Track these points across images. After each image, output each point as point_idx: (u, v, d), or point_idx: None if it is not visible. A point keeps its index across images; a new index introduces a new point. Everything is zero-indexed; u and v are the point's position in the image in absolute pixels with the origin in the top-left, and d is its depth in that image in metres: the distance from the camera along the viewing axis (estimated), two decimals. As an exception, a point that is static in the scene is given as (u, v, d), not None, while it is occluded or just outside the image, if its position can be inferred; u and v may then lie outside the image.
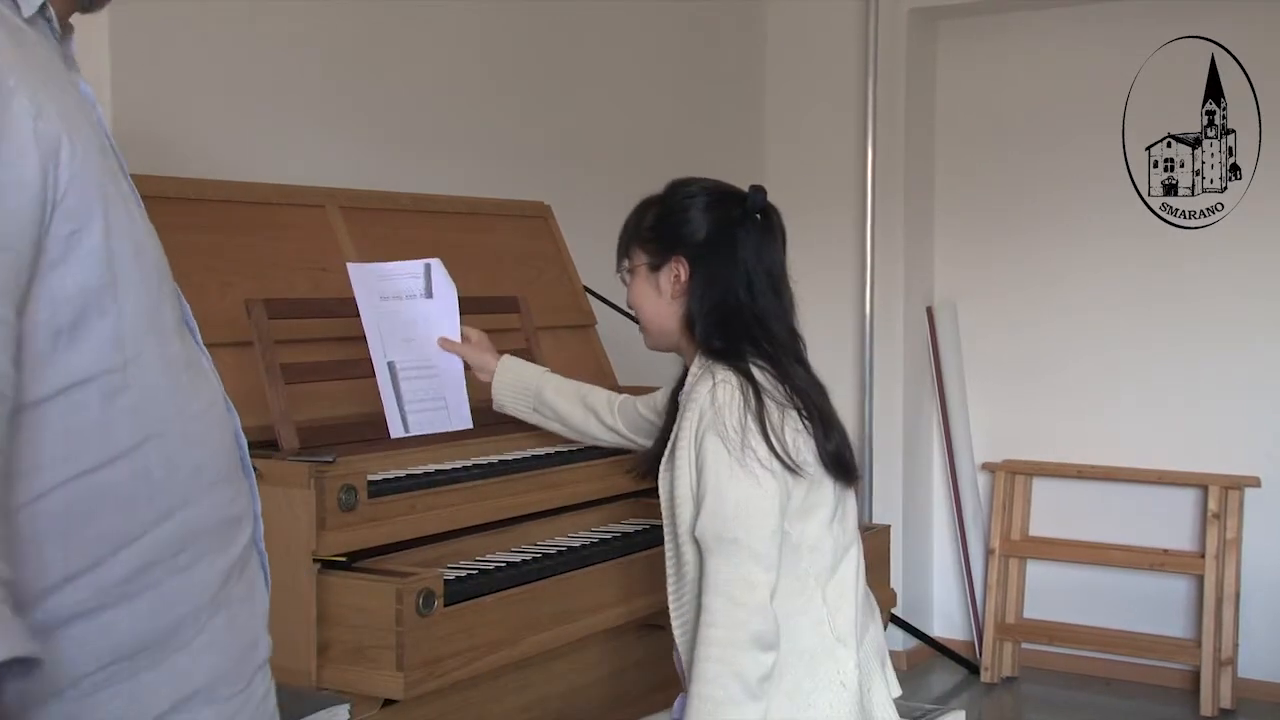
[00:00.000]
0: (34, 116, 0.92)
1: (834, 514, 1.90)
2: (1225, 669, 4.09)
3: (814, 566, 1.87)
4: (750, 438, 1.81)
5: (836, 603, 1.88)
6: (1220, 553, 4.13)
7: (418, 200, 2.75)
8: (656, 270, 1.98)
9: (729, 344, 1.89)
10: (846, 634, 1.87)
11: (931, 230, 4.68)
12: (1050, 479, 4.49)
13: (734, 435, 1.80)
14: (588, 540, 2.27)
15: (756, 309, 1.92)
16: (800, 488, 1.85)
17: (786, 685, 1.83)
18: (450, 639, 1.87)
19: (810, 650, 1.85)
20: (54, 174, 0.93)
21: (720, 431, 1.81)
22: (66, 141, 0.94)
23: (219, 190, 2.33)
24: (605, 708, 2.32)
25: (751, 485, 1.80)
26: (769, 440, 1.81)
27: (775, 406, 1.84)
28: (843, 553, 1.92)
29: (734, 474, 1.79)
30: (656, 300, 1.98)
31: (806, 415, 1.87)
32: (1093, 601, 4.40)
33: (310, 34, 2.89)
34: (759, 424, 1.81)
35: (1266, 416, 4.18)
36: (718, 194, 2.01)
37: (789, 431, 1.84)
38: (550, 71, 3.60)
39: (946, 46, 4.65)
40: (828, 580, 1.88)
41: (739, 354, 1.88)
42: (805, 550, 1.86)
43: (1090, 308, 4.44)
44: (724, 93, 4.42)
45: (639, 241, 2.02)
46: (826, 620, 1.87)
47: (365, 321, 2.17)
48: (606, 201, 3.84)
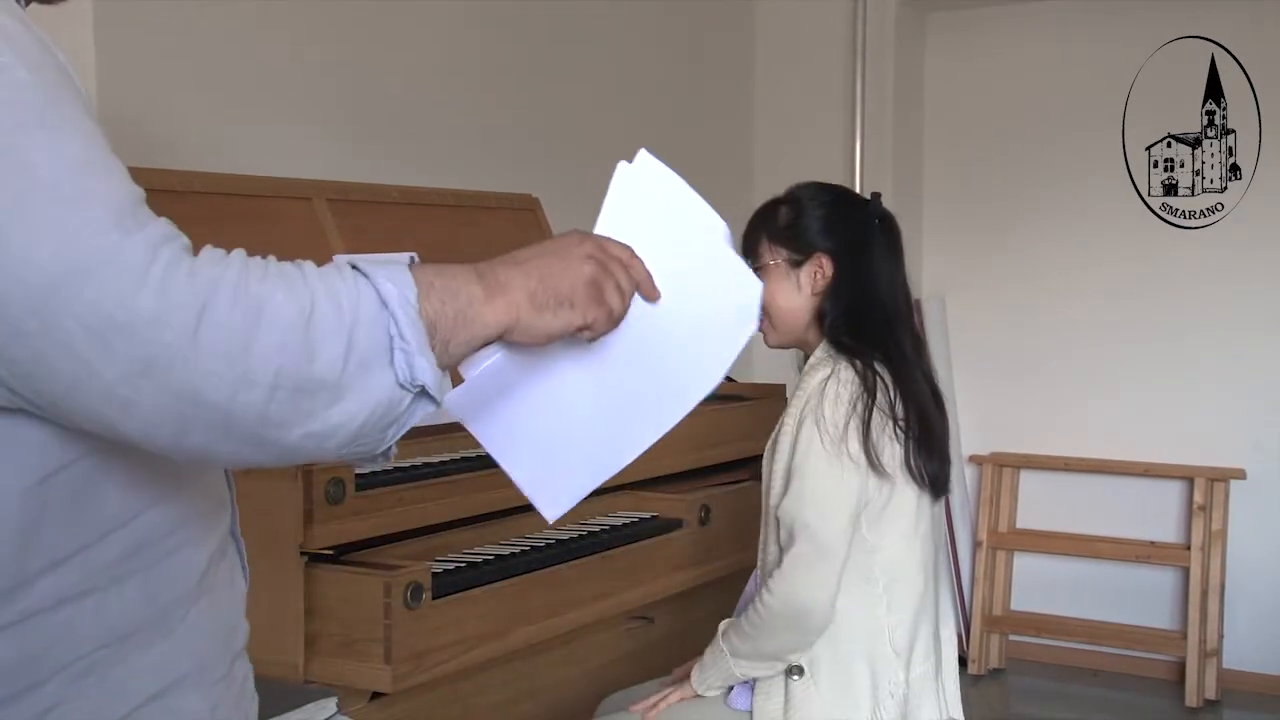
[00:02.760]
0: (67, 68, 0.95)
1: (914, 527, 1.93)
2: (1210, 660, 4.11)
3: (884, 574, 1.91)
4: (849, 433, 1.86)
5: (900, 614, 1.91)
6: (1206, 545, 4.15)
7: (405, 193, 2.74)
8: (798, 267, 2.01)
9: (859, 342, 1.94)
10: (903, 646, 1.91)
11: (920, 223, 4.68)
12: (1037, 471, 4.50)
13: (832, 428, 1.86)
14: (576, 533, 2.27)
15: (887, 312, 1.99)
16: (882, 493, 1.89)
17: (837, 682, 1.88)
18: (438, 632, 1.87)
19: (866, 655, 1.89)
20: None
21: (819, 420, 1.87)
22: None
23: (205, 182, 2.32)
24: (594, 700, 2.33)
25: (835, 478, 1.86)
26: (865, 438, 1.86)
27: (879, 409, 1.89)
28: (917, 568, 1.95)
29: (821, 463, 1.86)
30: (794, 296, 2.01)
31: (909, 423, 1.91)
32: (1079, 594, 4.42)
33: (298, 25, 2.88)
34: (861, 421, 1.87)
35: (1252, 408, 4.20)
36: (846, 198, 2.10)
37: (885, 436, 1.89)
38: (538, 63, 3.59)
39: (935, 39, 4.66)
40: (895, 590, 1.92)
41: (864, 353, 1.93)
42: (878, 556, 1.91)
43: (1079, 302, 4.45)
44: (713, 84, 4.42)
45: (776, 239, 2.03)
46: (886, 630, 1.90)
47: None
48: (595, 194, 3.83)
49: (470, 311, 0.99)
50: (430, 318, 0.96)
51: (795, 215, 2.03)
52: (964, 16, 4.58)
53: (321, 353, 0.90)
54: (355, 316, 0.92)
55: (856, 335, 1.96)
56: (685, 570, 2.38)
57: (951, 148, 4.64)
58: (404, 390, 0.94)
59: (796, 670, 1.89)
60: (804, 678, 1.89)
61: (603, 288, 1.07)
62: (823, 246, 1.99)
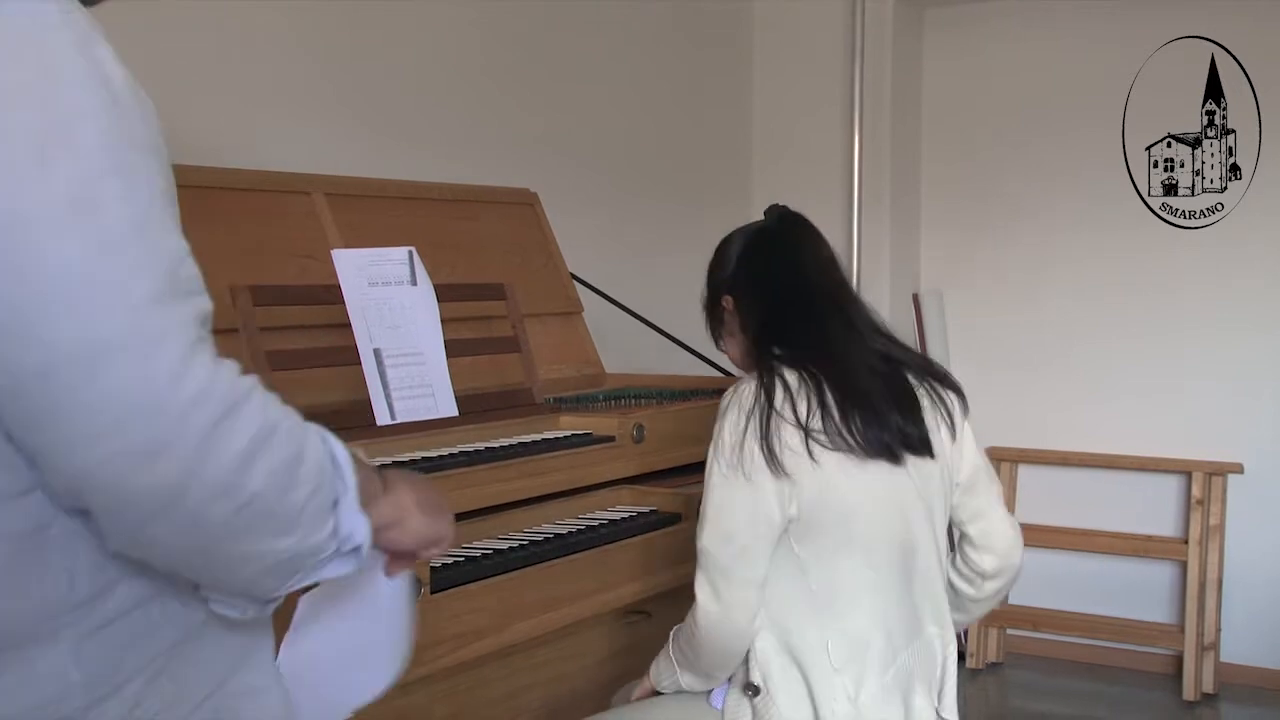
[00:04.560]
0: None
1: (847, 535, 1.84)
2: (1208, 654, 4.12)
3: (821, 589, 1.85)
4: (746, 448, 1.82)
5: (837, 627, 1.84)
6: (1203, 539, 4.16)
7: (404, 187, 2.74)
8: (719, 319, 2.08)
9: (760, 356, 1.95)
10: (843, 660, 1.83)
11: (918, 218, 4.69)
12: (1035, 466, 4.51)
13: (728, 448, 1.84)
14: (574, 527, 2.27)
15: (792, 308, 1.97)
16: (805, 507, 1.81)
17: (792, 695, 1.84)
18: (436, 626, 1.87)
19: (808, 668, 1.84)
20: None
21: (716, 444, 1.87)
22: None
23: (204, 177, 2.32)
24: (592, 695, 2.33)
25: (728, 499, 1.83)
26: (768, 450, 1.80)
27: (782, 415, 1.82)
28: (863, 578, 1.85)
29: (716, 486, 1.85)
30: (734, 339, 2.08)
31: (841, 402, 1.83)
32: (1077, 588, 4.43)
33: (297, 20, 2.88)
34: (760, 433, 1.81)
35: (1250, 403, 4.20)
36: (745, 230, 2.11)
37: (792, 439, 1.81)
38: (537, 59, 3.59)
39: (933, 36, 4.65)
40: (836, 605, 1.84)
41: (767, 355, 1.93)
42: (812, 570, 1.85)
43: (1078, 298, 4.45)
44: (711, 82, 4.41)
45: (708, 318, 2.12)
46: (825, 645, 1.84)
47: (351, 308, 2.16)
48: (593, 189, 3.85)
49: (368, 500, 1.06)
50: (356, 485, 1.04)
51: (707, 270, 2.11)
52: (962, 13, 4.58)
53: (298, 489, 0.95)
54: (322, 466, 0.99)
55: (773, 335, 1.96)
56: (683, 565, 2.38)
57: (949, 144, 4.64)
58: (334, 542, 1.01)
59: (752, 689, 1.86)
60: (763, 694, 1.85)
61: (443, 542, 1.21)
62: (722, 290, 2.06)
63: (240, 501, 0.91)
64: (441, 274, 2.38)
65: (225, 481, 0.90)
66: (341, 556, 1.02)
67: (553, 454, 2.32)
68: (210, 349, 0.92)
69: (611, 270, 3.38)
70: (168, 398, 0.87)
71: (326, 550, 1.00)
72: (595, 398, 2.75)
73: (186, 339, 0.89)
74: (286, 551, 0.97)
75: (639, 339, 3.26)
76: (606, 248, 3.67)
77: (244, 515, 0.92)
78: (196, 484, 0.89)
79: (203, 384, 0.88)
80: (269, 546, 0.96)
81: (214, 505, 0.90)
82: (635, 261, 3.87)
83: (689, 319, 3.72)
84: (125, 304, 0.86)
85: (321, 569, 1.02)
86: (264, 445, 0.92)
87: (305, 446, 0.96)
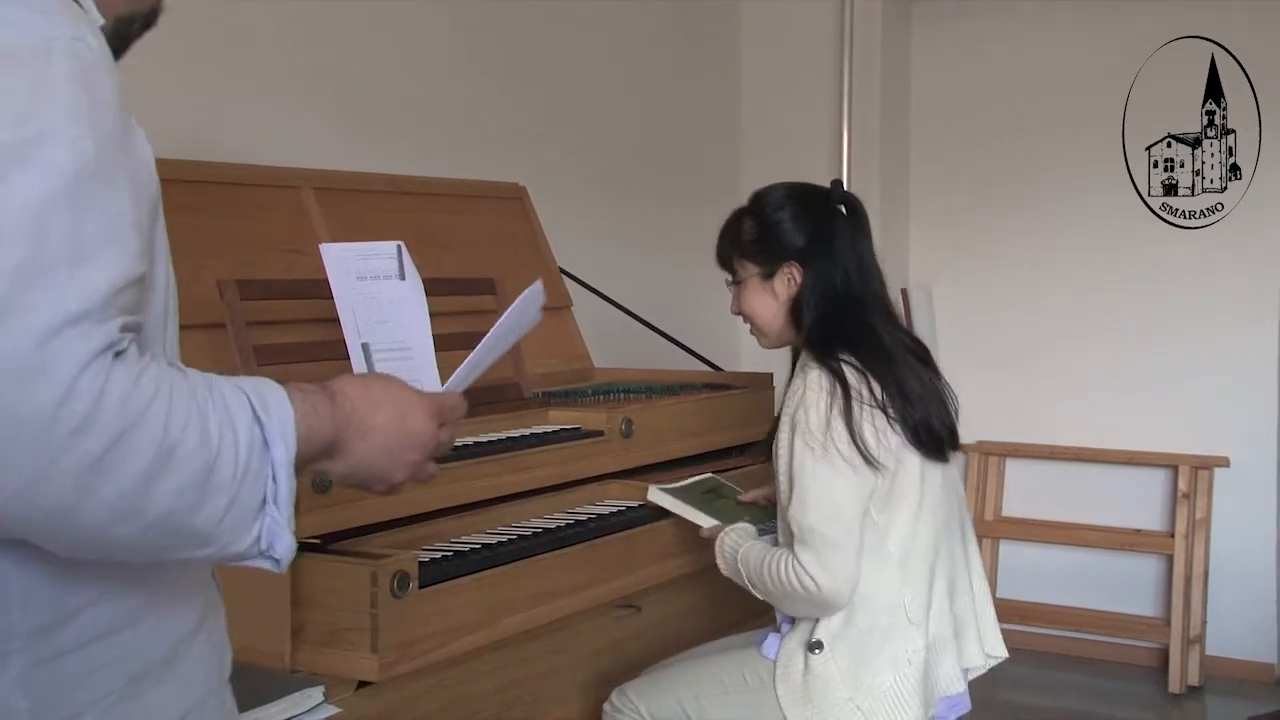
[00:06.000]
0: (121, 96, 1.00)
1: (920, 501, 2.04)
2: (1194, 647, 4.14)
3: (898, 551, 2.02)
4: (832, 434, 1.96)
5: (916, 586, 2.03)
6: (1190, 532, 4.18)
7: (393, 182, 2.73)
8: (770, 278, 2.13)
9: (826, 339, 2.05)
10: (919, 616, 2.03)
11: (907, 213, 4.69)
12: (1023, 460, 4.52)
13: (817, 434, 1.97)
14: (563, 522, 2.27)
15: (857, 301, 2.09)
16: (885, 478, 2.00)
17: (855, 654, 2.00)
18: (425, 621, 1.87)
19: (883, 627, 2.01)
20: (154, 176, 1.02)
21: (802, 432, 1.98)
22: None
23: (192, 171, 2.31)
24: (582, 689, 2.33)
25: (828, 481, 1.96)
26: (852, 436, 1.96)
27: (859, 402, 1.99)
28: (927, 539, 2.05)
29: (814, 471, 1.96)
30: (771, 305, 2.14)
31: (892, 399, 2.01)
32: (1065, 581, 4.44)
33: (286, 14, 2.87)
34: (844, 420, 1.97)
35: (1236, 396, 4.22)
36: (807, 197, 2.16)
37: (869, 426, 1.98)
38: (525, 52, 3.58)
39: (921, 30, 4.66)
40: (909, 565, 2.03)
41: (832, 351, 2.03)
42: (890, 535, 2.02)
43: (1065, 292, 4.46)
44: (699, 76, 4.41)
45: (745, 255, 2.15)
46: (903, 604, 2.02)
47: (339, 303, 2.16)
48: (582, 183, 3.84)
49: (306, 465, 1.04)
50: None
51: (761, 228, 2.14)
52: (950, 8, 4.58)
53: (208, 506, 0.93)
54: (245, 471, 0.95)
55: (824, 331, 2.06)
56: (673, 559, 2.39)
57: (939, 140, 4.65)
58: (256, 549, 0.98)
59: (817, 645, 2.01)
60: (823, 652, 2.00)
61: (399, 487, 1.13)
62: (791, 254, 2.10)
63: (144, 523, 0.89)
64: (430, 268, 2.37)
65: (122, 508, 0.88)
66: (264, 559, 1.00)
67: (541, 448, 2.32)
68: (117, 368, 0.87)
69: (600, 264, 3.38)
70: (45, 430, 0.84)
71: (251, 555, 0.98)
72: (584, 392, 2.75)
73: (77, 364, 0.85)
74: (211, 558, 0.96)
75: (628, 333, 3.26)
76: (595, 242, 3.66)
77: (153, 534, 0.90)
78: (87, 512, 0.87)
79: (85, 414, 0.85)
80: (189, 555, 0.95)
81: (116, 528, 0.89)
82: (624, 256, 3.87)
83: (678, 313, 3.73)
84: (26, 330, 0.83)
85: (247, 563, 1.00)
86: (163, 468, 0.89)
87: (220, 453, 0.92)
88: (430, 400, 1.13)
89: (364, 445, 1.07)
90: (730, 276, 2.21)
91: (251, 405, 0.97)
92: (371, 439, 1.07)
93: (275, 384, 1.01)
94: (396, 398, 1.10)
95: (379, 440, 1.08)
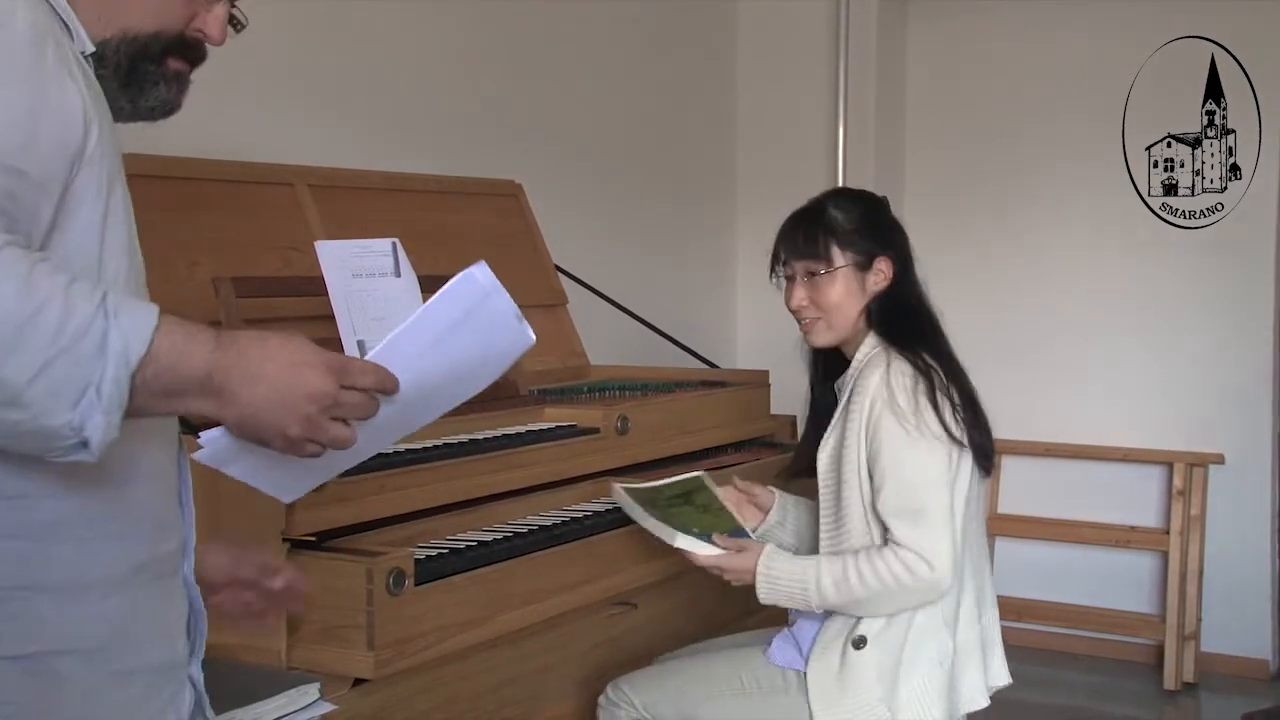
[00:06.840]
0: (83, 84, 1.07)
1: (968, 504, 2.06)
2: (1188, 643, 4.15)
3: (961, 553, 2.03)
4: (922, 414, 1.99)
5: (953, 589, 2.03)
6: (1185, 529, 4.19)
7: (388, 179, 2.73)
8: (864, 270, 2.13)
9: (908, 333, 2.09)
10: (952, 618, 2.05)
11: (902, 212, 4.68)
12: (1019, 457, 4.53)
13: (909, 414, 1.99)
14: (558, 519, 2.27)
15: (926, 306, 2.16)
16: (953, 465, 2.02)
17: (895, 653, 2.01)
18: (421, 618, 1.87)
19: (919, 626, 2.02)
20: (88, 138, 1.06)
21: (895, 412, 1.99)
22: (96, 119, 1.09)
23: (187, 168, 2.31)
24: (577, 686, 2.34)
25: (925, 458, 1.98)
26: (939, 415, 2.00)
27: (939, 390, 2.03)
28: (973, 539, 2.09)
29: (912, 450, 1.98)
30: (857, 297, 2.13)
31: (961, 402, 2.06)
32: (1060, 578, 4.45)
33: (280, 11, 2.86)
34: (930, 401, 2.00)
35: (1232, 394, 4.23)
36: (884, 203, 2.24)
37: (950, 418, 2.02)
38: (521, 51, 3.58)
39: (917, 28, 4.66)
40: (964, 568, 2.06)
41: (913, 348, 2.07)
42: None
43: (1063, 291, 4.47)
44: (696, 74, 4.41)
45: (845, 243, 2.13)
46: (940, 605, 2.03)
47: (334, 301, 2.16)
48: (577, 181, 3.84)
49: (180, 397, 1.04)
50: (138, 385, 1.00)
51: (859, 219, 2.14)
52: (946, 7, 4.58)
53: (16, 358, 0.94)
54: (68, 346, 0.96)
55: (905, 327, 2.10)
56: (667, 556, 2.39)
57: (934, 139, 4.65)
58: (71, 432, 0.98)
59: (861, 641, 2.01)
60: (865, 649, 2.02)
61: (301, 446, 1.10)
62: (885, 251, 2.13)
63: None
64: (425, 265, 2.37)
65: None
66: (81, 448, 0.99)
67: (537, 446, 2.32)
68: None
69: (596, 262, 3.38)
70: None
71: (65, 438, 0.98)
72: (580, 390, 2.75)
73: None
74: (17, 425, 0.97)
75: (623, 331, 3.26)
76: (591, 239, 3.66)
77: None
78: None
79: None
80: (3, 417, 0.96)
81: None
82: (620, 253, 3.87)
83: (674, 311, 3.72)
84: None
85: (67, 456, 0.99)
86: None
87: (40, 312, 0.95)
88: (331, 357, 1.12)
89: (249, 393, 1.06)
90: (803, 268, 2.12)
91: (105, 301, 0.98)
92: (256, 387, 1.06)
93: (154, 305, 1.03)
94: (292, 351, 1.09)
95: (265, 389, 1.07)
